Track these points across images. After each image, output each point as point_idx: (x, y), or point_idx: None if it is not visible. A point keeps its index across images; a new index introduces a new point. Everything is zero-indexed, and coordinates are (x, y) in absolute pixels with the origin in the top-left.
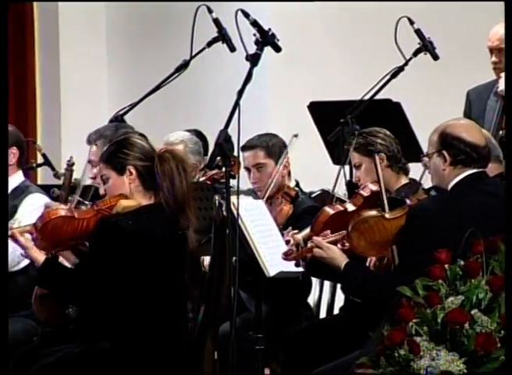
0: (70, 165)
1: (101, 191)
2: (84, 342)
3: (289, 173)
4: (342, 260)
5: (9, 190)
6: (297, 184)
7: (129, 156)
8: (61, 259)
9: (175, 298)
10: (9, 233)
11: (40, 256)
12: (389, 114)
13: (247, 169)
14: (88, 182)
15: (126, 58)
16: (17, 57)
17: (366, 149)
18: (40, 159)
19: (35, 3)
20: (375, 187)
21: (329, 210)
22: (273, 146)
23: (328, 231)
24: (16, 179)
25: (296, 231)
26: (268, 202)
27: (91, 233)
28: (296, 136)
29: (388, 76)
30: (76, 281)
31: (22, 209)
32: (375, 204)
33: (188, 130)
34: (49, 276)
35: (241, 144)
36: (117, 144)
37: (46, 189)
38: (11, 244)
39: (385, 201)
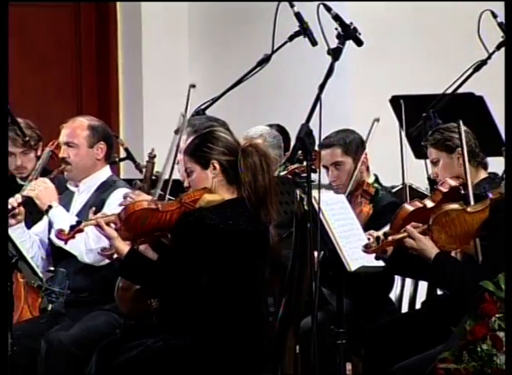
0: (152, 157)
1: (185, 184)
2: (166, 336)
3: (367, 169)
4: (433, 251)
5: (97, 184)
6: (377, 179)
7: (214, 151)
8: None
9: (256, 292)
10: (94, 222)
11: (123, 247)
12: (471, 108)
13: (325, 167)
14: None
15: (207, 53)
16: (101, 54)
17: (443, 145)
18: (122, 154)
19: (118, 2)
20: (454, 183)
21: (409, 207)
22: (350, 143)
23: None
24: (103, 173)
25: (372, 231)
26: (347, 200)
27: (174, 226)
28: (377, 120)
29: (471, 70)
30: (158, 274)
31: (109, 203)
32: (454, 199)
33: (270, 125)
34: (132, 267)
35: (322, 138)
36: (201, 138)
37: (129, 183)
38: (88, 238)
39: (471, 195)
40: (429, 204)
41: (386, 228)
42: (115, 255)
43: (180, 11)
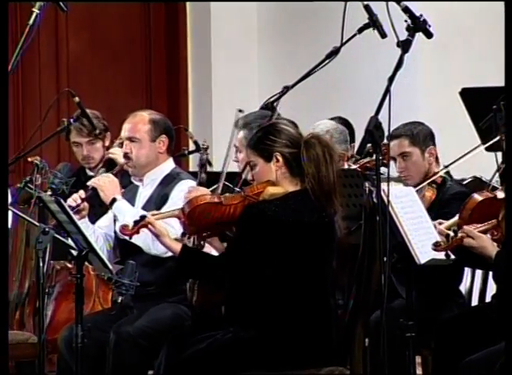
0: (206, 148)
1: (249, 177)
2: (235, 329)
3: (436, 160)
4: (492, 249)
5: (161, 177)
6: (447, 171)
7: (276, 143)
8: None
9: (324, 284)
10: (146, 220)
11: (175, 245)
12: None
13: (393, 158)
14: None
15: (276, 45)
16: (170, 49)
17: None
18: (191, 147)
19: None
20: None
21: (478, 197)
22: (418, 134)
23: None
24: (167, 166)
25: (439, 220)
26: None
27: (238, 218)
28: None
29: None
30: (216, 267)
31: (173, 195)
32: None
33: (332, 118)
34: (188, 264)
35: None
36: (264, 131)
37: (196, 176)
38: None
39: None
40: (500, 194)
41: (456, 218)
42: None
43: (249, 2)
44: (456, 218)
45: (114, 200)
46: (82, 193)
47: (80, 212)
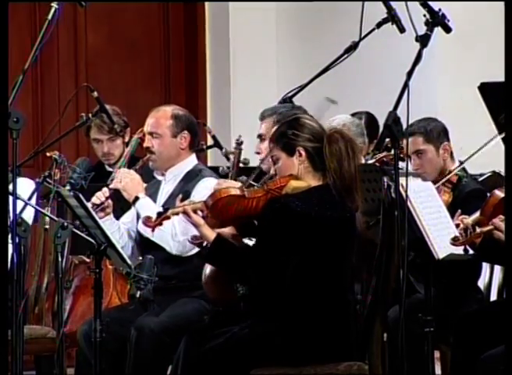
0: (239, 143)
1: (272, 171)
2: (253, 323)
3: (451, 156)
4: None
5: (183, 173)
6: (462, 166)
7: (299, 137)
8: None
9: (343, 279)
10: (181, 209)
11: (210, 234)
12: None
13: (408, 155)
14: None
15: (295, 40)
16: (189, 44)
17: None
18: (210, 141)
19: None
20: None
21: (500, 193)
22: (431, 131)
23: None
24: (189, 162)
25: (465, 216)
26: None
27: (261, 213)
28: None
29: None
30: (245, 261)
31: (195, 193)
32: None
33: (359, 112)
34: (219, 253)
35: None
36: (287, 125)
37: (215, 171)
38: (175, 230)
39: None
40: None
41: (476, 214)
42: (205, 243)
43: (268, 7)
44: (477, 214)
45: (137, 198)
46: (106, 191)
47: (105, 210)
